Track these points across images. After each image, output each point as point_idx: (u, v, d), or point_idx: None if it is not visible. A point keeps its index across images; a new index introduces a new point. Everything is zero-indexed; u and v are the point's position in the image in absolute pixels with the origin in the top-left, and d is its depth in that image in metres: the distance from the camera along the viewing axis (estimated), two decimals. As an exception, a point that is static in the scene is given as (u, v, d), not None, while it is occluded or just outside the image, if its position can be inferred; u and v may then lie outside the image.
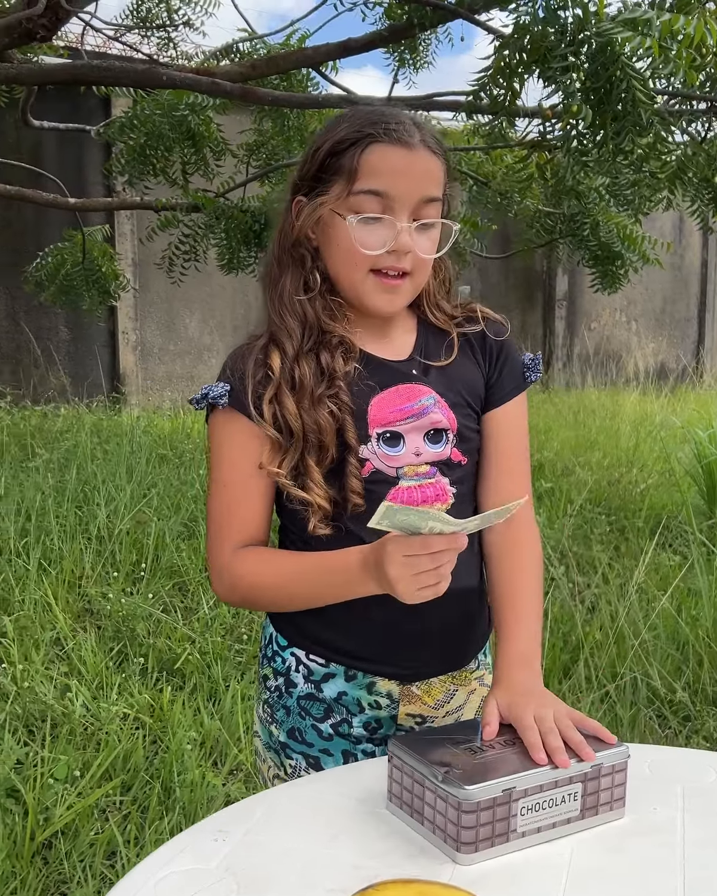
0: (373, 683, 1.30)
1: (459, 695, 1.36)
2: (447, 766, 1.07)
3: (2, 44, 3.41)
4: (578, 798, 1.09)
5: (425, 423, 1.26)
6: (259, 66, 4.02)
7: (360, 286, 1.23)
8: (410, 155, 1.20)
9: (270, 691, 1.34)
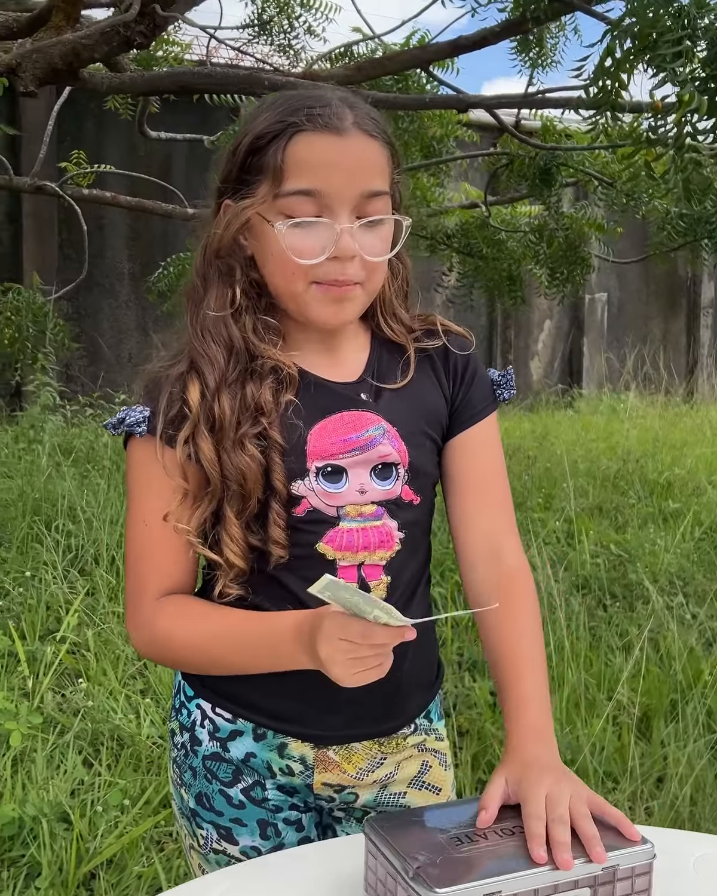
0: (284, 745, 1.13)
1: (387, 763, 1.17)
2: (422, 858, 0.90)
3: (101, 52, 3.40)
4: (585, 906, 0.90)
5: (373, 457, 1.09)
6: (365, 68, 3.90)
7: (301, 298, 1.06)
8: (341, 142, 1.02)
9: (177, 749, 1.18)
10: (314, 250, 1.02)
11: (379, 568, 1.10)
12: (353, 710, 1.12)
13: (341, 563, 1.09)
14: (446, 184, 5.97)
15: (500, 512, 1.18)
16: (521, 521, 4.41)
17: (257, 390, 1.05)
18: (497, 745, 2.59)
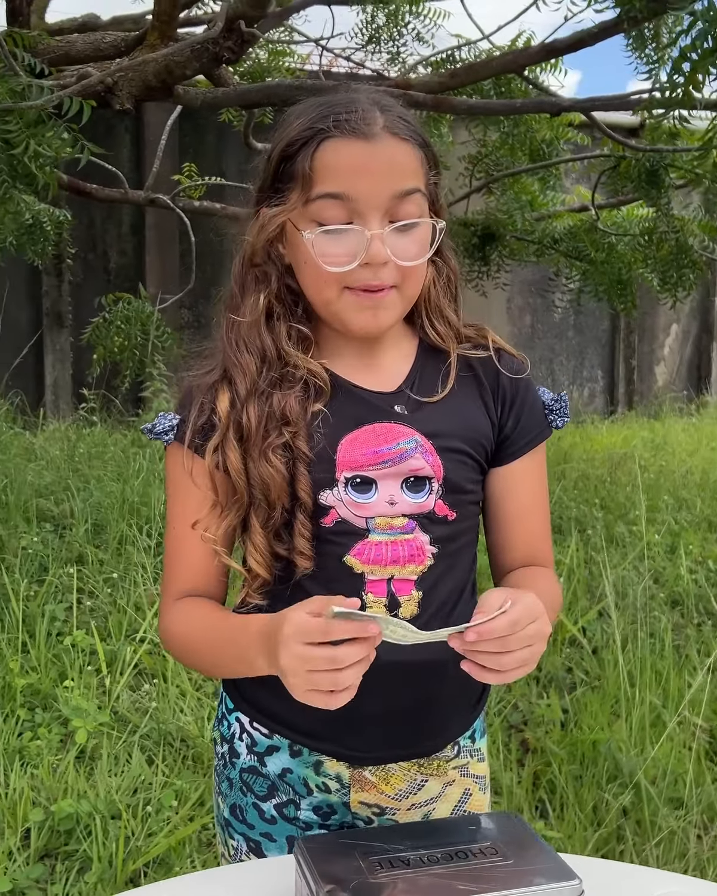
0: (320, 763, 1.12)
1: (430, 786, 1.14)
2: (337, 883, 0.89)
3: (192, 68, 3.49)
4: (503, 941, 0.88)
5: (404, 470, 1.07)
6: (458, 75, 3.87)
7: (335, 305, 1.05)
8: (369, 147, 1.01)
9: (218, 758, 1.20)
10: (345, 257, 1.02)
11: (410, 583, 1.08)
12: (384, 731, 1.11)
13: (370, 576, 1.07)
14: (558, 187, 5.88)
15: (541, 544, 1.18)
16: (620, 533, 4.30)
17: (283, 399, 1.05)
18: (559, 765, 2.53)
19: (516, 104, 3.86)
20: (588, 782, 2.46)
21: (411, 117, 1.08)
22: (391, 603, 1.07)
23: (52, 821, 2.24)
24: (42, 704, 2.80)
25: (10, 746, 2.54)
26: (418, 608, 1.08)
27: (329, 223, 1.02)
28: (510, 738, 2.75)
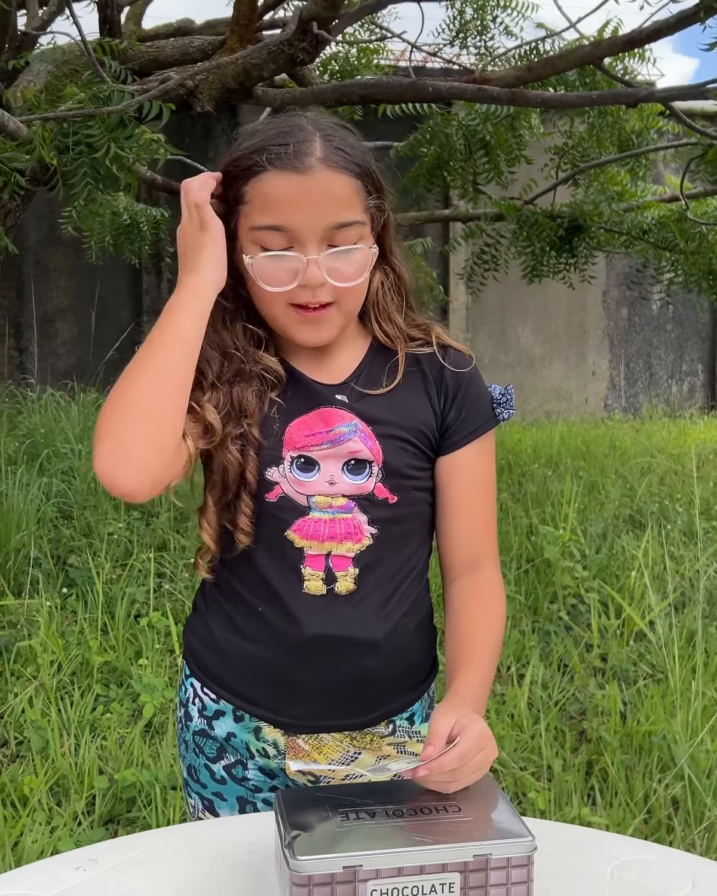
0: (259, 728, 1.19)
1: (364, 758, 1.20)
2: (304, 829, 0.96)
3: (269, 70, 3.59)
4: (455, 890, 0.93)
5: (343, 452, 1.14)
6: (535, 68, 3.88)
7: (281, 320, 1.12)
8: (305, 181, 1.06)
9: (178, 721, 1.28)
10: (284, 279, 1.08)
11: (347, 559, 1.15)
12: (318, 702, 1.17)
13: (309, 551, 1.14)
14: (648, 177, 5.80)
15: (484, 531, 1.22)
16: (702, 528, 4.24)
17: (242, 393, 1.13)
18: (611, 753, 2.54)
19: (592, 96, 3.84)
20: (640, 772, 2.47)
21: (354, 146, 1.11)
22: (328, 577, 1.14)
23: (116, 789, 2.36)
24: (117, 681, 2.94)
25: (84, 719, 2.68)
26: (354, 584, 1.15)
27: (270, 246, 1.08)
28: (568, 727, 2.77)
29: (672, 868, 1.03)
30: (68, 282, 7.44)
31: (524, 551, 3.93)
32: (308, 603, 1.14)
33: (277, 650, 1.15)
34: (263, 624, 1.16)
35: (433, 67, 7.68)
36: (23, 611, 3.26)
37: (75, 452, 4.69)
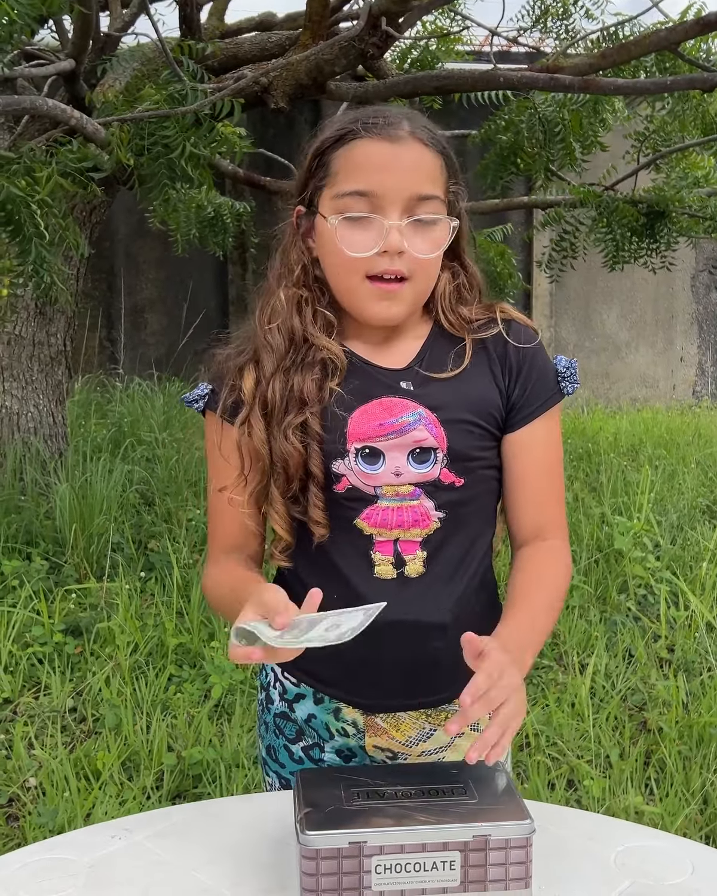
0: (339, 709, 1.24)
1: (438, 736, 1.25)
2: (315, 807, 1.02)
3: (340, 65, 3.64)
4: (456, 868, 0.99)
5: (408, 441, 1.16)
6: (609, 55, 3.84)
7: (355, 294, 1.15)
8: (394, 148, 1.11)
9: (258, 704, 1.34)
10: (365, 244, 1.12)
11: (415, 543, 1.18)
12: (392, 682, 1.21)
13: (378, 538, 1.18)
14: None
15: (551, 508, 1.23)
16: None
17: (303, 381, 1.17)
18: (670, 744, 2.55)
19: (667, 82, 3.79)
20: (698, 763, 2.48)
21: (437, 130, 1.17)
22: (397, 561, 1.18)
23: (184, 765, 2.47)
24: (190, 662, 3.06)
25: (156, 698, 2.81)
26: (423, 567, 1.18)
27: (354, 210, 1.12)
28: (629, 717, 2.79)
29: (673, 854, 1.07)
30: (157, 273, 7.62)
31: (595, 541, 3.93)
32: (379, 586, 1.18)
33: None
34: (332, 606, 1.21)
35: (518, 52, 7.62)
36: (103, 594, 3.40)
37: (158, 441, 4.84)
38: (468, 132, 5.47)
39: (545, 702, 2.77)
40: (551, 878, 1.02)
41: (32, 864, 1.06)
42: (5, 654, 2.99)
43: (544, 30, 5.59)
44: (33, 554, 3.63)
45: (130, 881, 1.02)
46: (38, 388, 4.44)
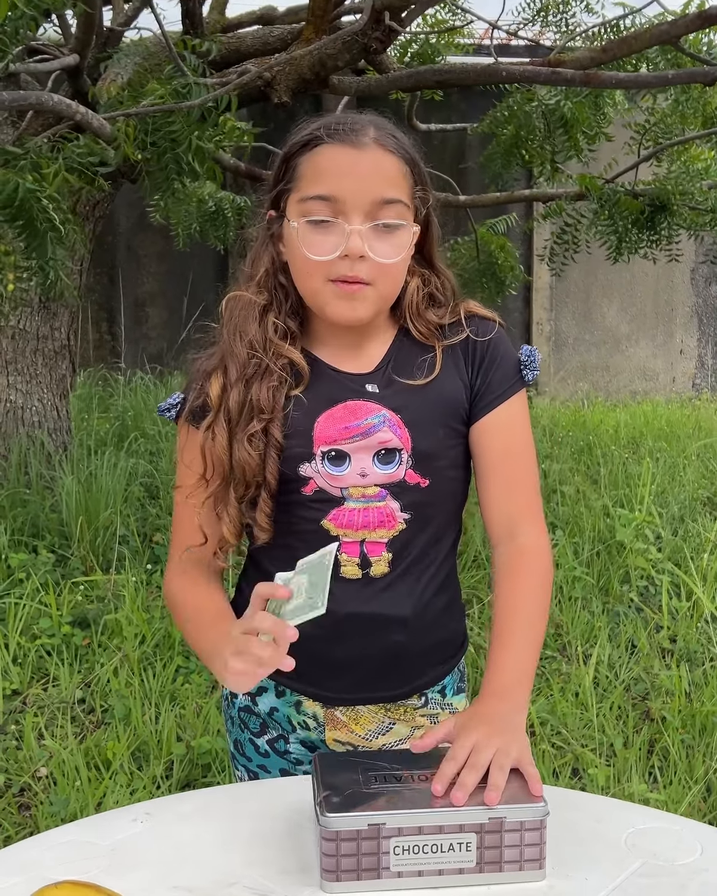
0: (300, 702, 1.27)
1: (398, 729, 1.28)
2: (334, 790, 1.05)
3: (344, 60, 3.65)
4: (472, 849, 1.02)
5: (373, 443, 1.19)
6: (611, 49, 3.84)
7: (319, 295, 1.17)
8: (358, 154, 1.14)
9: (224, 699, 1.36)
10: (326, 248, 1.13)
11: (381, 545, 1.21)
12: (353, 676, 1.24)
13: (344, 539, 1.20)
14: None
15: (520, 493, 1.24)
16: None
17: (259, 390, 1.18)
18: (673, 732, 2.58)
19: (668, 75, 3.80)
20: (701, 751, 2.51)
21: (403, 137, 1.19)
22: (363, 562, 1.21)
23: (193, 755, 2.50)
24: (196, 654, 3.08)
25: (164, 689, 2.83)
26: (388, 567, 1.21)
27: (317, 215, 1.13)
28: (633, 707, 2.82)
29: (683, 835, 1.10)
30: (158, 267, 7.64)
31: (598, 533, 3.95)
32: (344, 585, 1.20)
33: (313, 628, 1.23)
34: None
35: (518, 45, 7.62)
36: (110, 586, 3.43)
37: (161, 434, 4.86)
38: (469, 125, 5.49)
39: (549, 691, 2.80)
40: (564, 858, 1.05)
41: (56, 847, 1.09)
42: (14, 646, 3.02)
43: (545, 23, 5.60)
44: (39, 547, 3.66)
45: (152, 863, 1.05)
46: (43, 381, 4.46)
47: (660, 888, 1.01)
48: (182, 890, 1.00)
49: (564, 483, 4.64)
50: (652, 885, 1.01)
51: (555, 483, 4.61)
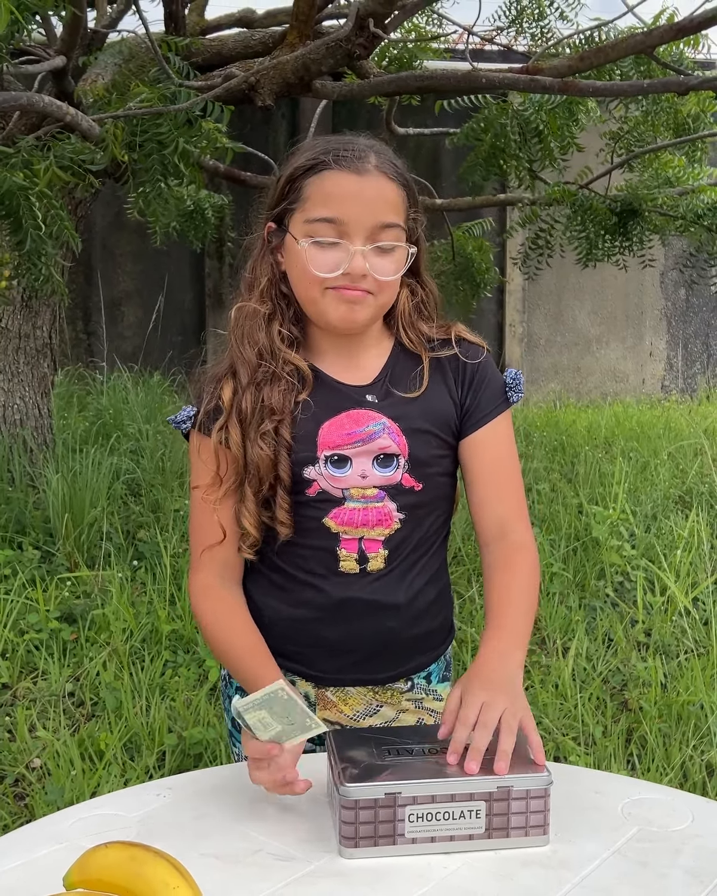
0: (293, 682, 1.34)
1: (384, 711, 1.36)
2: (351, 762, 1.11)
3: (327, 65, 3.71)
4: (481, 816, 1.09)
5: (373, 448, 1.28)
6: (587, 58, 3.94)
7: (320, 302, 1.24)
8: (361, 181, 1.21)
9: (222, 679, 1.44)
10: (330, 266, 1.22)
11: (378, 542, 1.30)
12: (346, 658, 1.33)
13: (344, 536, 1.29)
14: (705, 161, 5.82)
15: (509, 497, 1.33)
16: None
17: (271, 393, 1.27)
18: (650, 721, 2.67)
19: (643, 84, 3.90)
20: (678, 739, 2.60)
21: (400, 163, 1.28)
22: (361, 558, 1.30)
23: (185, 745, 2.55)
24: (184, 648, 3.14)
25: (153, 682, 2.88)
26: (384, 563, 1.30)
27: (322, 236, 1.22)
28: (611, 697, 2.91)
29: (675, 804, 1.18)
30: (134, 266, 7.65)
31: (573, 530, 4.05)
32: (343, 579, 1.30)
33: (308, 611, 1.31)
34: (297, 591, 1.31)
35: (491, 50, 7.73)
36: (97, 581, 3.47)
37: (142, 433, 4.90)
38: (445, 130, 5.57)
39: (530, 682, 2.88)
40: (565, 826, 1.12)
41: (86, 820, 1.15)
42: (2, 641, 3.05)
43: (520, 30, 5.69)
44: (24, 543, 3.69)
45: (178, 833, 1.11)
46: (24, 380, 4.48)
47: (656, 852, 1.08)
48: (210, 857, 1.07)
49: (540, 481, 4.73)
50: (648, 850, 1.09)
51: (531, 482, 4.70)
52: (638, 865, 1.06)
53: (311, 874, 1.05)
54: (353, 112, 7.62)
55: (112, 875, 0.88)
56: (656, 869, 1.05)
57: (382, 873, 1.05)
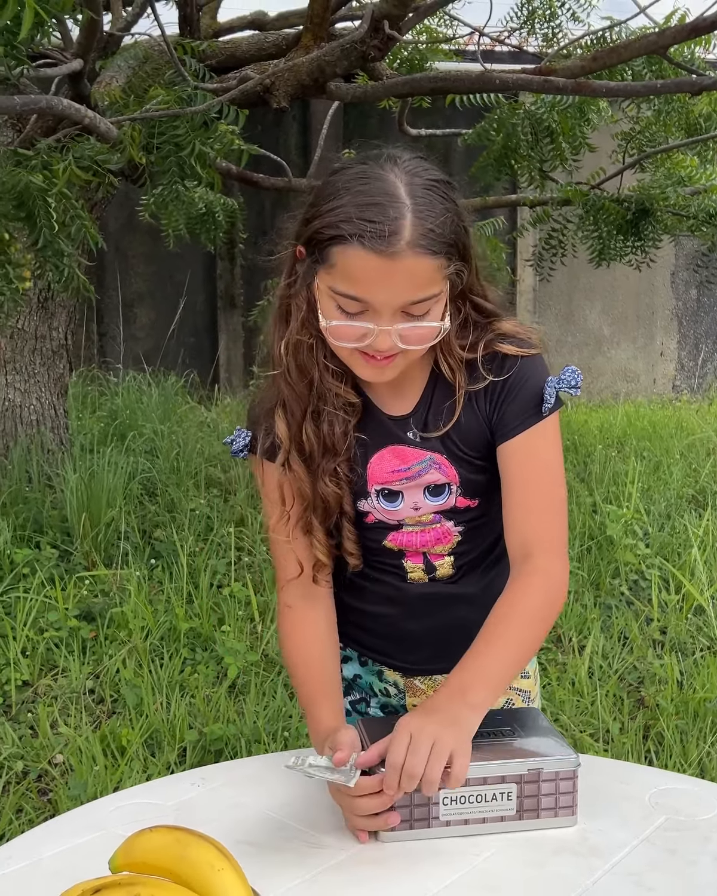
0: (381, 672, 1.38)
1: None
2: (380, 747, 1.13)
3: (342, 67, 3.74)
4: (513, 798, 1.11)
5: (422, 483, 1.26)
6: (600, 58, 3.95)
7: (347, 359, 1.19)
8: (391, 265, 1.08)
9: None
10: (356, 337, 1.13)
11: (442, 554, 1.31)
12: (427, 648, 1.34)
13: (408, 551, 1.31)
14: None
15: (535, 519, 1.23)
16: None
17: (331, 430, 1.22)
18: (667, 718, 2.69)
19: (657, 85, 3.92)
20: (694, 735, 2.61)
21: (445, 219, 1.12)
22: (428, 568, 1.31)
23: (205, 741, 2.58)
24: (202, 645, 3.16)
25: (173, 679, 2.91)
26: (452, 569, 1.32)
27: (346, 309, 1.13)
28: (627, 694, 2.92)
29: (702, 794, 1.19)
30: (146, 268, 7.69)
31: (588, 529, 4.06)
32: (414, 584, 1.32)
33: (389, 607, 1.33)
34: (378, 590, 1.33)
35: (501, 51, 7.74)
36: (115, 580, 3.50)
37: (158, 433, 4.93)
38: (457, 131, 5.59)
39: (547, 679, 2.90)
40: (594, 814, 1.14)
41: (124, 808, 1.17)
42: (22, 639, 3.08)
43: (531, 31, 5.71)
44: (42, 543, 3.72)
45: (214, 821, 1.13)
46: (41, 381, 4.52)
47: (684, 840, 1.10)
48: (246, 844, 1.09)
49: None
50: (677, 838, 1.10)
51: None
52: (667, 853, 1.07)
53: (345, 861, 1.07)
54: (364, 114, 7.65)
55: (157, 858, 0.90)
56: (684, 856, 1.07)
57: (415, 859, 1.07)
